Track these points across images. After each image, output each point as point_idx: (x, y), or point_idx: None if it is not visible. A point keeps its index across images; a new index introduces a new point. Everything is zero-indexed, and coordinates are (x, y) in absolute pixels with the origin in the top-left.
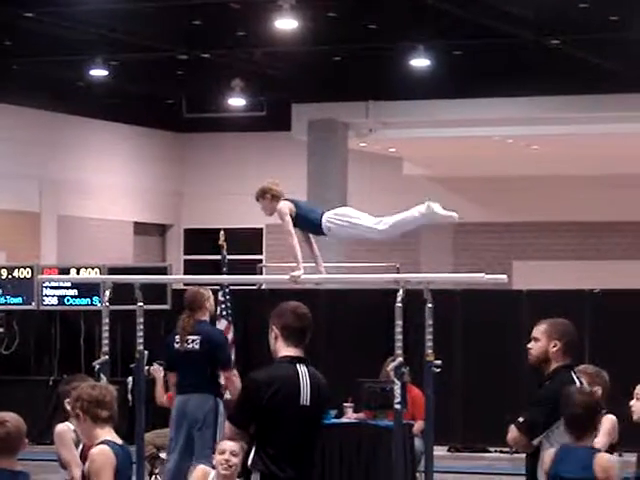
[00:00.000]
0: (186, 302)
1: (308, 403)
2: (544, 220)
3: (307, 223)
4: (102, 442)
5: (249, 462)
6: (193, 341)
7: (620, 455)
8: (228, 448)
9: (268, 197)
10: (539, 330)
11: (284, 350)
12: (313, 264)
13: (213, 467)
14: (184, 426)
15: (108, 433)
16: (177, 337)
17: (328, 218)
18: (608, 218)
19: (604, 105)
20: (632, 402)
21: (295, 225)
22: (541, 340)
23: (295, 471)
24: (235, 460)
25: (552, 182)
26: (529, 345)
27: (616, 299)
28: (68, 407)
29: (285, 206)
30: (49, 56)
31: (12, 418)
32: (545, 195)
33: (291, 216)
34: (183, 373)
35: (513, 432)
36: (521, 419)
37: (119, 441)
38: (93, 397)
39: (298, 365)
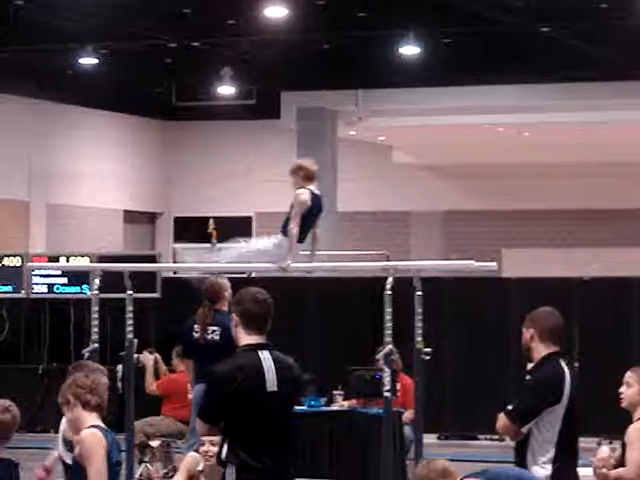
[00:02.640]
0: (206, 294)
1: (275, 388)
2: (534, 208)
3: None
4: (91, 426)
5: (223, 456)
6: (213, 332)
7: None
8: (207, 439)
9: (301, 174)
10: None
11: (245, 338)
12: (306, 252)
13: None
14: None
15: (95, 420)
16: (196, 326)
17: None
18: (598, 206)
19: (594, 93)
20: (622, 389)
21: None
22: (524, 331)
23: (271, 459)
24: (215, 449)
25: (542, 170)
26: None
27: (604, 287)
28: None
29: (306, 195)
30: (38, 44)
31: (12, 405)
32: (535, 183)
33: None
34: (203, 363)
35: (502, 420)
36: (510, 407)
37: (105, 428)
38: (86, 384)
39: (260, 352)
